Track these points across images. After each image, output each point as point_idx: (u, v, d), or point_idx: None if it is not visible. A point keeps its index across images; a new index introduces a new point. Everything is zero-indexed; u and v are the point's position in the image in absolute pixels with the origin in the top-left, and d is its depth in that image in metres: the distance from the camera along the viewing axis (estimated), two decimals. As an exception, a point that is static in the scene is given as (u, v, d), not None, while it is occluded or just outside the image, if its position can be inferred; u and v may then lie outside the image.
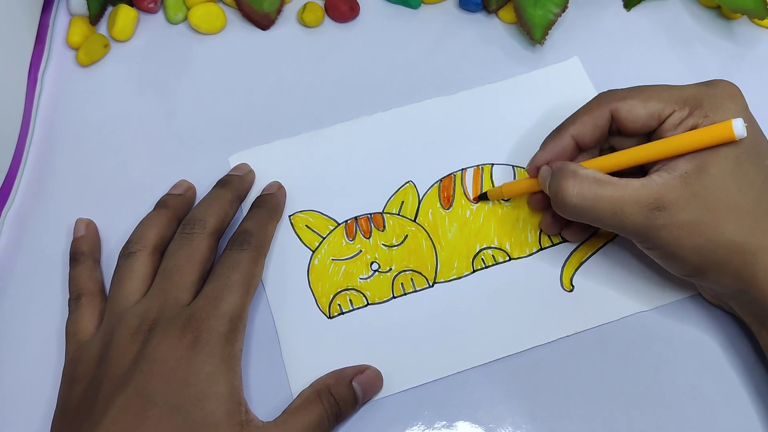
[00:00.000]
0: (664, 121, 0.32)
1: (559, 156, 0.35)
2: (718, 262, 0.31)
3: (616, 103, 0.33)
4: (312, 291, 0.37)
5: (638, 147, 0.32)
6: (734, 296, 0.32)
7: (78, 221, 0.38)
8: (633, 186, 0.31)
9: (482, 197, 0.39)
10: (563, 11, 0.42)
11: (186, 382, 0.30)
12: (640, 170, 0.33)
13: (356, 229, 0.38)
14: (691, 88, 0.32)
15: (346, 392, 0.33)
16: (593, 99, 0.34)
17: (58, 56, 0.44)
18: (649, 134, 0.33)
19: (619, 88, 0.34)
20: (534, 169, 0.35)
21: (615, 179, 0.31)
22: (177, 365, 0.30)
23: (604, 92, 0.34)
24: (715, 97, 0.32)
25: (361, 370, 0.34)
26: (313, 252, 0.38)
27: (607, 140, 0.35)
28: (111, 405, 0.30)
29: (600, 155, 0.35)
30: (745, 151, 0.31)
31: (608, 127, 0.34)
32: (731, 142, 0.30)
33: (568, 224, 0.37)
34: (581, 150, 0.35)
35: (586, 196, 0.31)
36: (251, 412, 0.32)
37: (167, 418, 0.29)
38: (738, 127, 0.30)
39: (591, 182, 0.31)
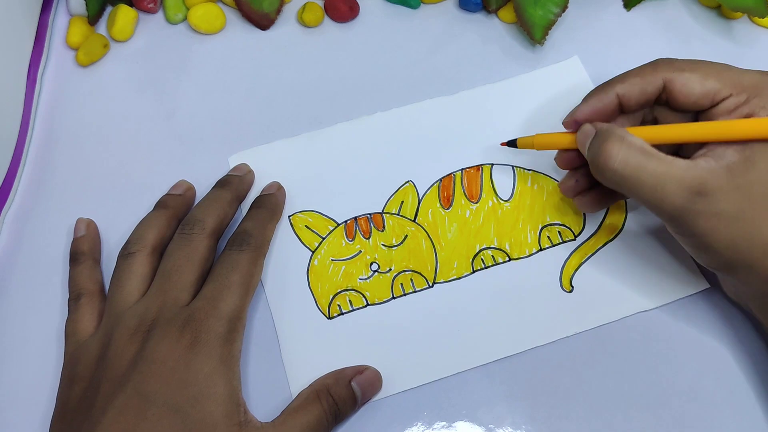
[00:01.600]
0: (717, 104, 0.31)
1: (600, 112, 0.33)
2: (750, 260, 0.29)
3: (673, 73, 0.31)
4: (311, 291, 0.37)
5: (690, 124, 0.31)
6: (758, 298, 0.31)
7: (78, 221, 0.38)
8: (678, 165, 0.30)
9: (511, 144, 0.38)
10: (563, 11, 0.42)
11: (185, 383, 0.30)
12: (678, 153, 0.32)
13: (356, 230, 0.38)
14: (754, 75, 0.31)
15: (345, 393, 0.33)
16: (649, 63, 0.33)
17: (57, 56, 0.44)
18: (698, 113, 0.32)
19: (677, 58, 0.33)
20: (572, 123, 0.34)
21: (662, 155, 0.30)
22: (176, 366, 0.30)
23: (661, 59, 0.33)
24: None
25: (360, 370, 0.34)
26: (313, 252, 0.38)
27: (651, 111, 0.34)
28: (110, 405, 0.30)
29: (641, 125, 0.34)
30: None
31: (656, 96, 0.32)
32: None
33: (584, 193, 0.36)
34: (623, 112, 0.34)
35: (630, 164, 0.30)
36: (250, 413, 0.32)
37: (166, 419, 0.29)
38: None
39: (637, 151, 0.30)
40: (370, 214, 0.39)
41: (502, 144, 0.38)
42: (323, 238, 0.38)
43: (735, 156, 0.30)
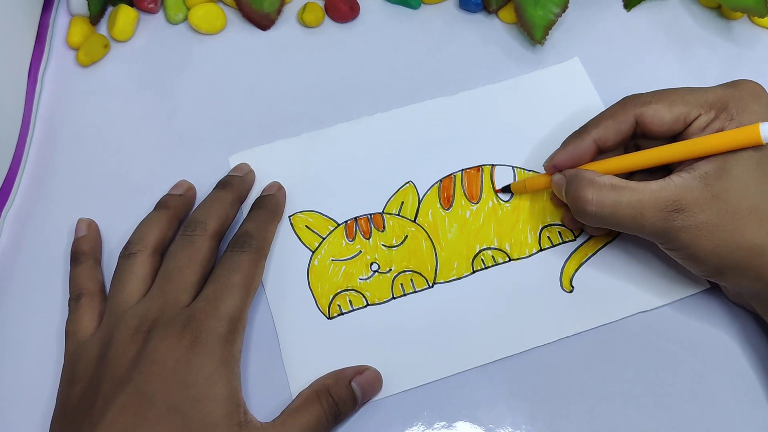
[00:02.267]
0: (689, 125, 0.32)
1: (578, 157, 0.34)
2: (736, 264, 0.31)
3: (641, 108, 0.33)
4: (312, 291, 0.37)
5: (661, 147, 0.32)
6: (754, 297, 0.32)
7: (80, 221, 0.38)
8: (651, 189, 0.31)
9: (505, 189, 0.39)
10: (563, 11, 0.42)
11: (185, 383, 0.30)
12: (666, 172, 0.33)
13: (356, 230, 0.38)
14: (716, 90, 0.32)
15: (345, 393, 0.33)
16: (618, 103, 0.34)
17: (58, 56, 0.44)
18: (675, 138, 0.33)
19: (642, 92, 0.34)
20: (551, 167, 0.36)
21: (633, 183, 0.31)
22: (176, 366, 0.30)
23: (628, 96, 0.34)
24: (741, 99, 0.31)
25: (360, 370, 0.34)
26: (313, 252, 0.38)
27: (633, 141, 0.35)
28: (110, 405, 0.30)
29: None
30: (767, 154, 0.31)
31: (631, 132, 0.34)
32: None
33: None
34: (601, 152, 0.35)
35: (605, 204, 0.31)
36: (250, 413, 0.32)
37: (166, 419, 0.29)
38: (765, 132, 0.29)
39: (609, 189, 0.32)
40: (370, 215, 0.39)
41: (497, 191, 0.39)
42: (323, 238, 0.38)
43: (707, 167, 0.31)
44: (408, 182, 0.39)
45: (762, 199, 0.30)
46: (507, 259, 0.37)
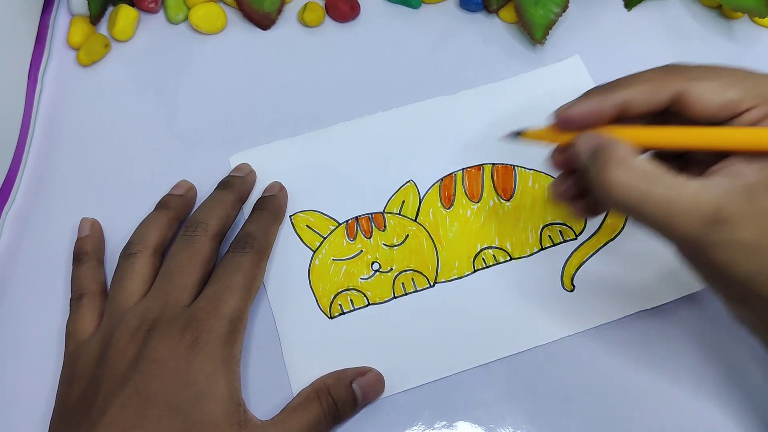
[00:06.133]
0: (738, 115, 0.27)
1: (598, 116, 0.29)
2: None
3: (688, 82, 0.27)
4: (313, 291, 0.37)
5: (713, 129, 0.27)
6: None
7: (83, 220, 0.38)
8: (689, 190, 0.26)
9: (511, 135, 0.33)
10: (564, 11, 0.42)
11: (185, 383, 0.30)
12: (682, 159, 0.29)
13: (357, 229, 0.38)
14: None
15: (345, 393, 0.33)
16: (660, 68, 0.29)
17: (58, 56, 0.44)
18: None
19: (687, 63, 0.29)
20: (564, 119, 0.30)
21: (670, 177, 0.26)
22: (176, 365, 0.30)
23: (673, 64, 0.29)
24: None
25: (362, 372, 0.34)
26: (314, 252, 0.38)
27: (658, 120, 0.29)
28: (110, 405, 0.30)
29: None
30: None
31: (666, 106, 0.28)
32: None
33: (576, 198, 0.33)
34: (620, 119, 0.29)
35: (634, 192, 0.26)
36: (249, 412, 0.32)
37: (166, 418, 0.29)
38: None
39: (642, 177, 0.26)
40: (371, 214, 0.39)
41: (506, 135, 0.33)
42: (324, 238, 0.38)
43: (756, 175, 0.26)
44: (409, 181, 0.39)
45: None
46: (508, 258, 0.37)
